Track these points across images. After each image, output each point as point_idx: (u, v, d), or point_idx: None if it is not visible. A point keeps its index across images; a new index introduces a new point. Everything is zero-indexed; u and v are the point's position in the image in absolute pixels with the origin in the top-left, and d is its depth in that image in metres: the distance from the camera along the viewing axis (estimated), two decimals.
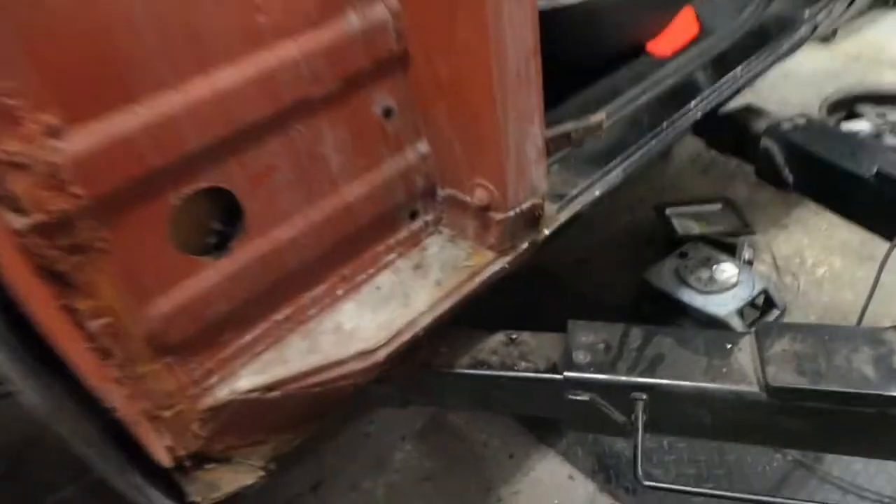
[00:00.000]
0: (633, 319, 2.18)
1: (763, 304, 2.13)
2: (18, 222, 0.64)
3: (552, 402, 1.12)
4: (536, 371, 1.11)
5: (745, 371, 1.02)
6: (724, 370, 1.03)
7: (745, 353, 1.05)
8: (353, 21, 0.85)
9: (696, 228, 2.53)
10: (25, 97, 0.62)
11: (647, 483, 0.96)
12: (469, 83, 0.90)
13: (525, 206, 1.03)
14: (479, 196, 1.00)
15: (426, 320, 1.00)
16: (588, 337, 1.13)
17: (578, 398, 1.08)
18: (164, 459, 0.76)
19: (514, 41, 0.86)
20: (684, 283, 2.13)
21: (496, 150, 0.94)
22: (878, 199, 1.37)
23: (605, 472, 1.82)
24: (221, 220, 0.86)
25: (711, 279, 2.10)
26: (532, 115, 0.96)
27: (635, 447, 0.99)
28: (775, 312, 2.11)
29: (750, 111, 1.77)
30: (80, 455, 0.62)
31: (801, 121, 1.64)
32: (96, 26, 0.65)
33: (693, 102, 1.40)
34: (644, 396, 1.03)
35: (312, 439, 1.10)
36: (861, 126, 2.67)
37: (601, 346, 1.11)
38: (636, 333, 1.12)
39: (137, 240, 0.76)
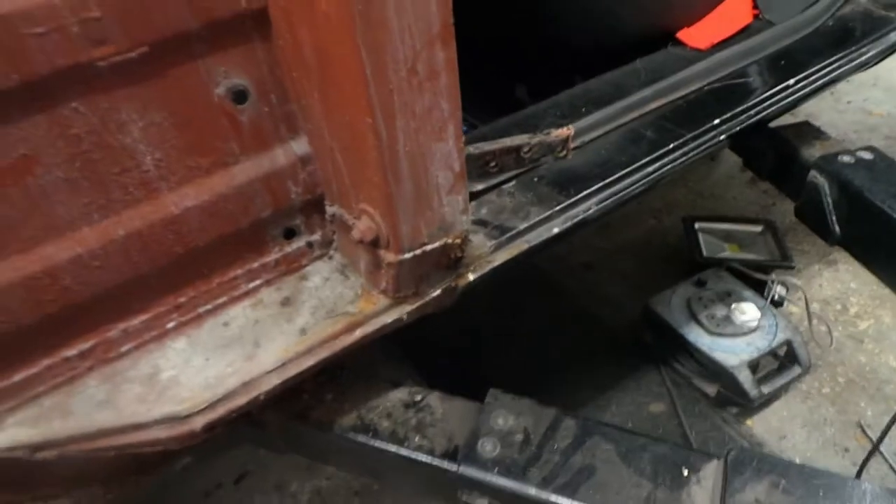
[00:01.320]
0: (634, 347, 1.91)
1: (784, 357, 1.81)
2: None
3: (445, 493, 0.86)
4: (430, 453, 0.85)
5: None
6: None
7: (703, 490, 0.76)
8: None
9: (725, 251, 2.17)
10: None
11: None
12: (337, 70, 0.61)
13: (431, 246, 0.75)
14: (362, 227, 0.72)
15: (272, 382, 0.74)
16: (507, 420, 0.86)
17: (472, 500, 0.82)
18: None
19: (400, 17, 0.56)
20: (694, 318, 1.82)
21: (379, 171, 0.66)
22: None
23: None
24: None
25: (727, 319, 1.79)
26: (442, 127, 0.66)
27: None
28: (796, 370, 1.79)
29: (803, 131, 1.40)
30: None
31: (868, 155, 1.27)
32: None
33: (719, 119, 1.07)
34: None
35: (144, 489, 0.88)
36: None
37: (519, 436, 0.84)
38: (569, 428, 0.84)
39: None
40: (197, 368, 0.74)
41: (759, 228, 2.24)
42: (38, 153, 0.59)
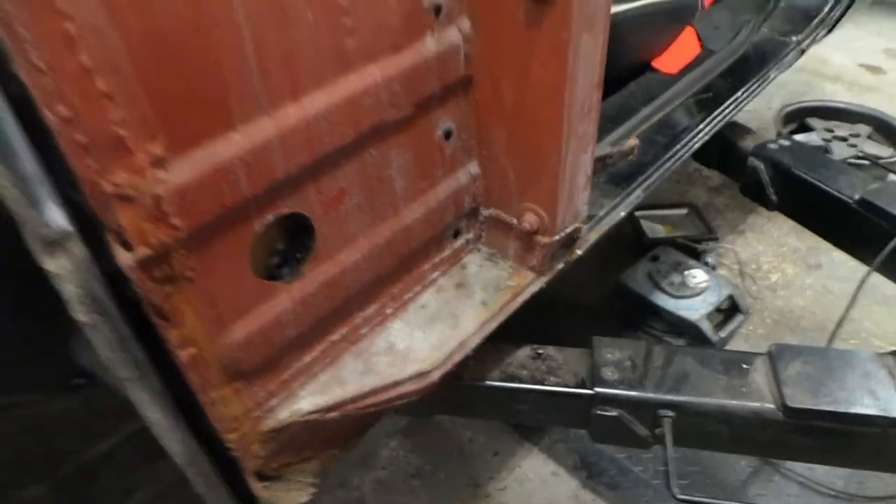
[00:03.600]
0: (610, 319, 2.29)
1: (728, 309, 2.26)
2: (126, 258, 0.61)
3: (580, 416, 1.16)
4: (566, 386, 1.15)
5: (762, 391, 1.10)
6: (744, 389, 1.10)
7: (760, 374, 1.13)
8: (430, 45, 0.85)
9: (662, 232, 2.64)
10: (137, 127, 0.59)
11: (681, 497, 1.02)
12: (536, 114, 0.91)
13: (569, 229, 1.06)
14: (529, 220, 1.02)
15: (475, 341, 1.01)
16: (613, 354, 1.18)
17: (607, 413, 1.13)
18: (259, 491, 0.74)
19: (585, 74, 0.88)
20: (657, 286, 2.23)
21: (553, 179, 0.96)
22: (859, 226, 1.48)
23: (588, 468, 1.90)
24: (287, 242, 0.84)
25: (683, 284, 2.21)
26: (588, 145, 0.98)
27: (666, 463, 1.05)
28: (739, 317, 2.24)
29: (736, 129, 1.86)
30: (198, 493, 0.61)
31: (787, 142, 1.74)
32: (206, 51, 0.62)
33: (702, 124, 1.47)
34: (671, 413, 1.09)
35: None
36: (810, 138, 2.85)
37: (627, 363, 1.16)
38: (659, 352, 1.18)
39: (221, 267, 0.73)
40: (420, 339, 1.00)
41: (684, 211, 2.73)
42: (348, 186, 0.84)
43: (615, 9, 1.35)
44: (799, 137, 2.84)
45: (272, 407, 0.87)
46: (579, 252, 1.16)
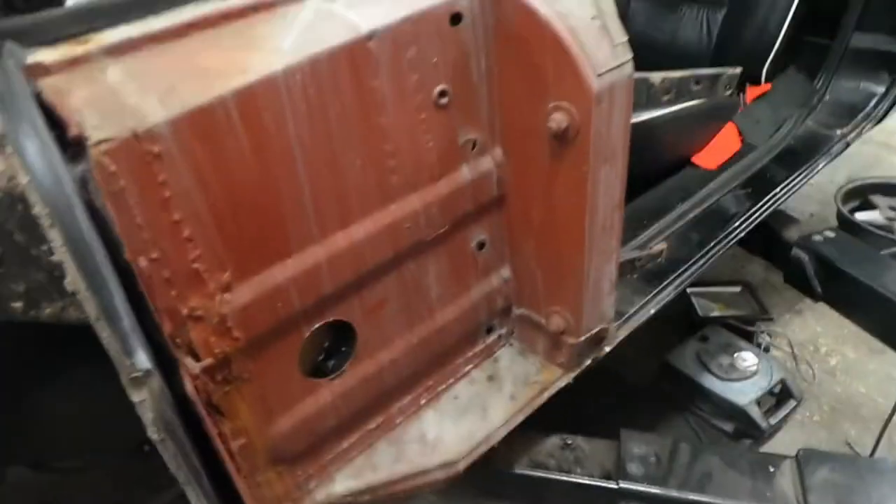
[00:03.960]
0: (655, 399, 2.28)
1: (780, 393, 2.21)
2: (194, 366, 0.73)
3: None
4: (592, 477, 1.20)
5: (787, 496, 1.11)
6: (769, 494, 1.12)
7: (786, 479, 1.14)
8: (465, 173, 0.96)
9: (715, 310, 2.62)
10: (211, 262, 0.72)
11: None
12: (560, 231, 1.00)
13: (595, 330, 1.13)
14: (556, 322, 1.10)
15: (501, 434, 1.09)
16: (640, 448, 1.22)
17: None
18: None
19: (605, 199, 0.97)
20: (706, 368, 2.21)
21: (577, 287, 1.04)
22: None
23: None
24: (331, 342, 0.96)
25: (732, 366, 2.19)
26: (611, 256, 1.06)
27: None
28: (792, 403, 2.19)
29: (781, 218, 1.88)
30: None
31: (831, 234, 1.75)
32: (271, 200, 0.75)
33: (739, 220, 1.52)
34: None
35: None
36: (873, 217, 2.79)
37: (653, 458, 1.20)
38: (685, 449, 1.21)
39: (273, 368, 0.85)
40: (450, 429, 1.08)
41: (738, 289, 2.71)
42: (387, 295, 0.95)
43: (654, 113, 1.45)
44: (861, 216, 2.79)
45: (311, 489, 0.97)
46: (607, 349, 1.23)
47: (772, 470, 1.16)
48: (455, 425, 1.09)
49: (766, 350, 2.37)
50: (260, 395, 0.85)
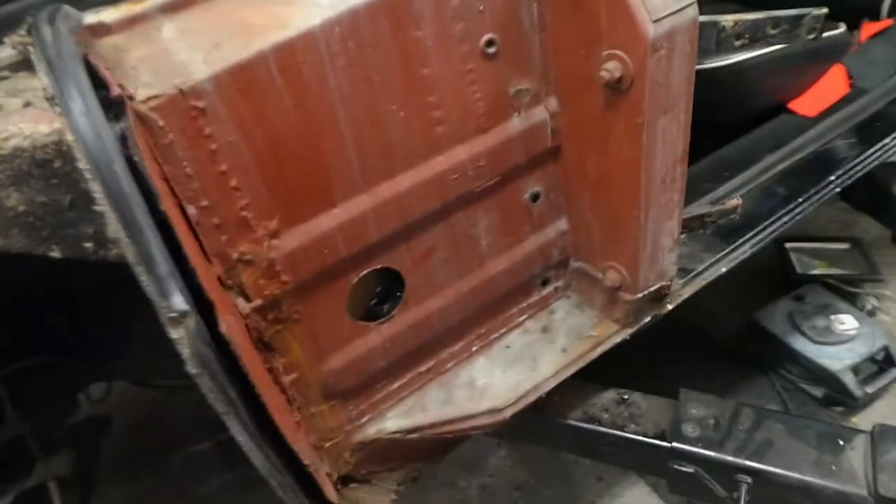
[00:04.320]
0: (739, 359, 2.19)
1: (882, 361, 2.06)
2: (245, 306, 0.79)
3: (656, 465, 1.19)
4: (645, 435, 1.19)
5: (855, 472, 1.05)
6: (834, 468, 1.06)
7: (857, 454, 1.08)
8: (516, 124, 0.94)
9: (817, 268, 2.43)
10: (258, 210, 0.77)
11: None
12: (616, 185, 0.97)
13: (653, 287, 1.10)
14: (612, 278, 1.07)
15: (550, 385, 1.10)
16: (699, 410, 1.19)
17: (682, 468, 1.15)
18: (332, 496, 0.91)
19: (664, 152, 0.92)
20: (797, 329, 2.09)
21: (634, 243, 1.01)
22: None
23: None
24: (383, 287, 1.00)
25: (828, 329, 2.06)
26: (672, 211, 1.01)
27: None
28: (894, 372, 2.04)
29: (891, 171, 1.70)
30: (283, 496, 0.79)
31: None
32: (313, 150, 0.78)
33: (835, 175, 1.39)
34: (749, 480, 1.09)
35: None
36: None
37: (711, 421, 1.17)
38: (747, 413, 1.17)
39: (323, 310, 0.90)
40: (499, 377, 1.10)
41: (846, 245, 2.49)
42: (436, 245, 0.97)
43: (745, 55, 1.34)
44: None
45: (362, 424, 1.04)
46: (670, 307, 1.19)
47: (841, 443, 1.10)
48: (504, 374, 1.11)
49: (872, 314, 2.19)
50: (311, 335, 0.90)
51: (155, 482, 2.11)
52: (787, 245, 2.49)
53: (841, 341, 2.03)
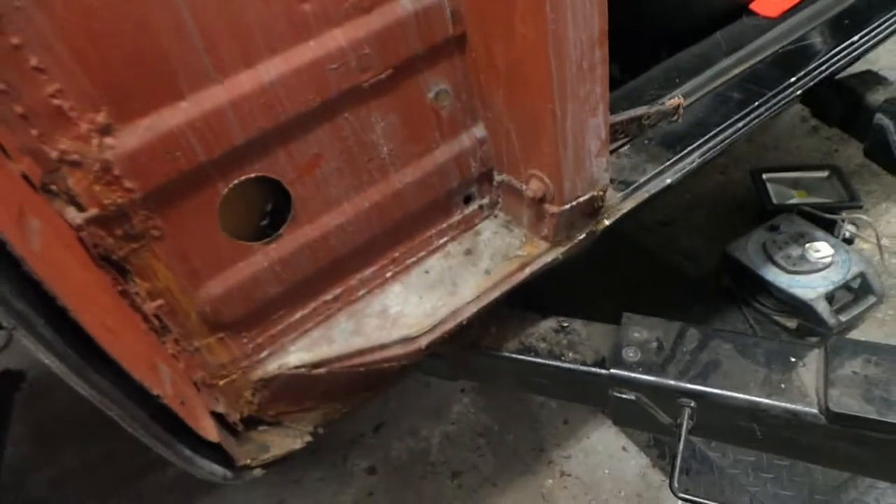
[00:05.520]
0: (715, 293, 2.09)
1: (858, 289, 1.97)
2: (76, 216, 0.68)
3: (597, 395, 1.10)
4: (583, 364, 1.09)
5: (805, 390, 0.96)
6: (783, 386, 0.97)
7: (809, 371, 0.98)
8: (405, 4, 0.81)
9: (793, 197, 2.32)
10: (75, 98, 0.65)
11: (681, 495, 0.94)
12: (526, 74, 0.84)
13: (583, 198, 0.98)
14: (534, 187, 0.96)
15: (471, 310, 0.99)
16: (641, 333, 1.09)
17: (623, 396, 1.06)
18: (211, 434, 0.81)
19: (576, 31, 0.79)
20: (770, 259, 1.99)
21: (552, 143, 0.89)
22: None
23: (660, 447, 1.80)
24: (275, 205, 0.88)
25: (802, 258, 1.95)
26: (595, 106, 0.89)
27: (674, 456, 0.96)
28: (871, 300, 1.94)
29: (866, 79, 1.57)
30: (133, 432, 0.69)
31: None
32: (139, 28, 0.66)
33: (796, 76, 1.26)
34: (692, 403, 1.00)
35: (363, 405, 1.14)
36: None
37: (654, 344, 1.07)
38: (693, 335, 1.07)
39: (189, 226, 0.79)
40: (415, 304, 1.00)
41: (825, 174, 2.37)
42: (323, 151, 0.85)
43: None
44: None
45: (262, 358, 0.94)
46: (607, 222, 1.07)
47: (793, 360, 1.00)
48: (420, 300, 1.00)
49: (850, 242, 2.08)
50: (179, 256, 0.79)
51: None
52: (765, 176, 2.38)
53: (815, 270, 1.93)
